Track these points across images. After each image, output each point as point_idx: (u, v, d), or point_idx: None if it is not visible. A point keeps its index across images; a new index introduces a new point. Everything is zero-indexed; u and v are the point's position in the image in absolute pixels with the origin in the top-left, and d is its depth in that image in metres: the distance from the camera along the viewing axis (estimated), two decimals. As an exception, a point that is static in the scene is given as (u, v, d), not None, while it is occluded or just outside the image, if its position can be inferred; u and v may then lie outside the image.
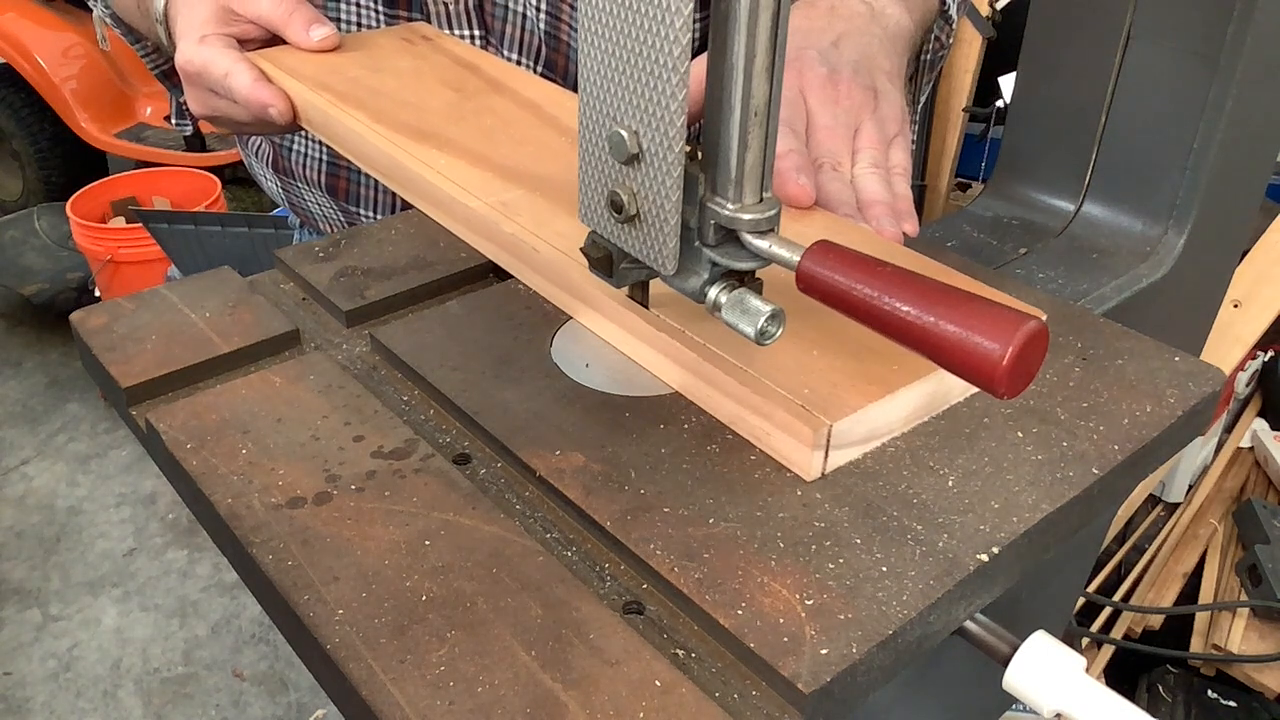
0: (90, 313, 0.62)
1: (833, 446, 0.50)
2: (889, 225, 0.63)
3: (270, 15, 0.84)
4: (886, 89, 0.71)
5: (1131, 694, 1.75)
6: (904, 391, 0.51)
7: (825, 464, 0.50)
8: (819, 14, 0.75)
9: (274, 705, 2.12)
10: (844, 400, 0.50)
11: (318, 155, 1.02)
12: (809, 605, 0.43)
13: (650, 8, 0.44)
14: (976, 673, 0.66)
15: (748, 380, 0.51)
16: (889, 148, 0.68)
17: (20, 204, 3.52)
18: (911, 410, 0.53)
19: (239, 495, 0.49)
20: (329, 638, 0.42)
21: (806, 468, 0.50)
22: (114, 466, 2.71)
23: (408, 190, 0.72)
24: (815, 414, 0.49)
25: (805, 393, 0.50)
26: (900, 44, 0.77)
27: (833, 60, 0.70)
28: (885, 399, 0.51)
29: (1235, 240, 0.92)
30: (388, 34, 0.91)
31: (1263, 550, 1.75)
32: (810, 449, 0.49)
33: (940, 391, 0.54)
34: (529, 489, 0.51)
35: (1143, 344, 0.59)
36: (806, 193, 0.63)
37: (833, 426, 0.49)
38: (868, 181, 0.66)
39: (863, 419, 0.50)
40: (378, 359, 0.60)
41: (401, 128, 0.74)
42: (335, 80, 0.80)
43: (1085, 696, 0.43)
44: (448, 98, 0.79)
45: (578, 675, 0.40)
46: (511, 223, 0.63)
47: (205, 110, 0.85)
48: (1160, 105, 0.77)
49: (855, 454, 0.51)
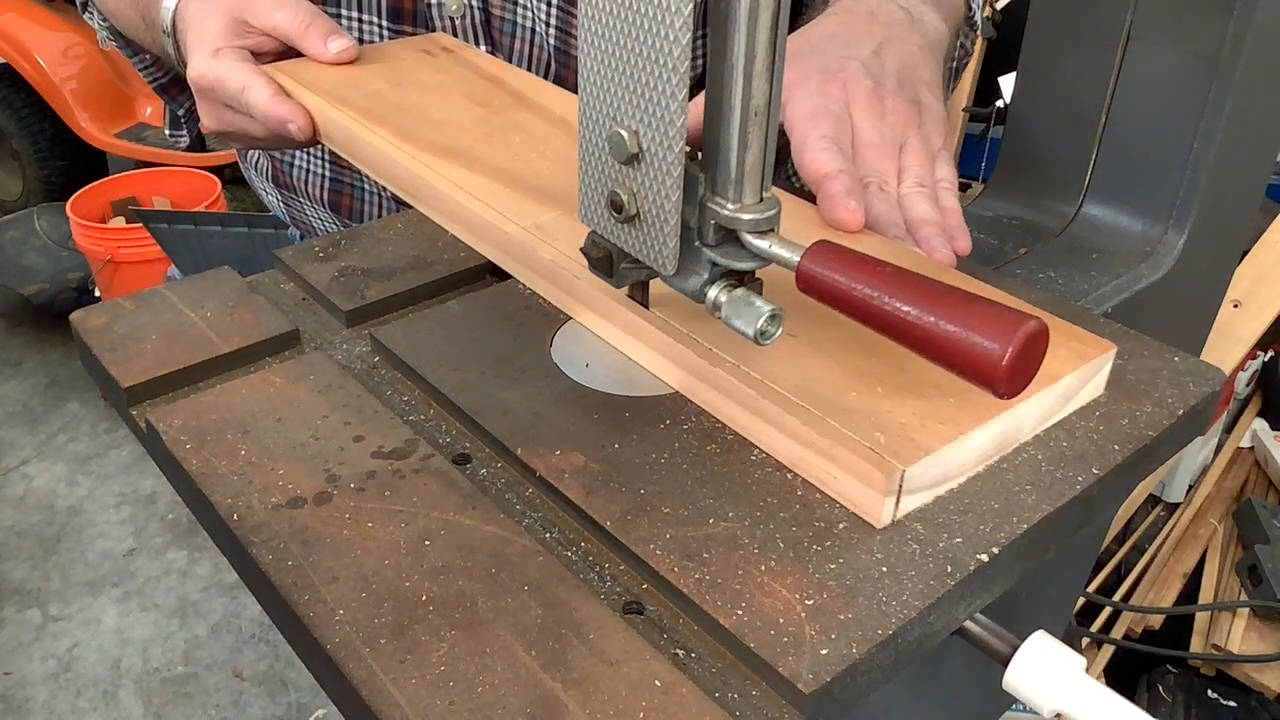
0: (90, 313, 0.62)
1: (904, 491, 0.47)
2: (940, 246, 0.61)
3: (286, 27, 0.81)
4: (929, 101, 0.69)
5: (1131, 694, 1.75)
6: (976, 432, 0.49)
7: (896, 510, 0.47)
8: (859, 20, 0.73)
9: (274, 705, 2.12)
10: (915, 442, 0.47)
11: (320, 171, 1.00)
12: (809, 605, 0.43)
13: (650, 8, 0.44)
14: (976, 673, 0.66)
15: (812, 420, 0.48)
16: (934, 163, 0.66)
17: (20, 204, 3.52)
18: (983, 451, 0.50)
19: (239, 495, 0.49)
20: (329, 638, 0.42)
21: (876, 514, 0.47)
22: (114, 466, 2.71)
23: (438, 212, 0.70)
24: (886, 458, 0.46)
25: (875, 435, 0.47)
26: (939, 51, 0.75)
27: (876, 72, 0.68)
28: (958, 440, 0.48)
29: (1235, 240, 0.92)
30: (406, 45, 0.88)
31: (1263, 550, 1.75)
32: (882, 495, 0.46)
33: (1011, 431, 0.51)
34: (529, 489, 0.51)
35: (1143, 344, 0.59)
36: (857, 219, 0.60)
37: (905, 471, 0.46)
38: (916, 201, 0.63)
39: (935, 462, 0.47)
40: (378, 359, 0.60)
41: (427, 145, 0.72)
42: (356, 95, 0.78)
43: (1085, 696, 0.43)
44: (473, 113, 0.77)
45: (578, 675, 0.40)
46: (549, 248, 0.61)
47: (219, 125, 0.82)
48: (1160, 105, 0.77)
49: (925, 499, 0.48)
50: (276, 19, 0.81)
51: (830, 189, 0.61)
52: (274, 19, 0.81)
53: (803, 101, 0.65)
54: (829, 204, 0.60)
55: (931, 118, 0.68)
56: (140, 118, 3.48)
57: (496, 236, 0.64)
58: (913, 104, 0.67)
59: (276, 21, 0.81)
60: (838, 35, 0.71)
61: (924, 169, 0.65)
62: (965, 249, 0.62)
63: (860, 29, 0.72)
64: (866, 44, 0.70)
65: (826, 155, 0.62)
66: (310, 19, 0.81)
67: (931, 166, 0.66)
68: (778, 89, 0.48)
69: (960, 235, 0.62)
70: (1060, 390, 0.52)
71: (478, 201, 0.66)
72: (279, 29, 0.81)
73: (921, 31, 0.74)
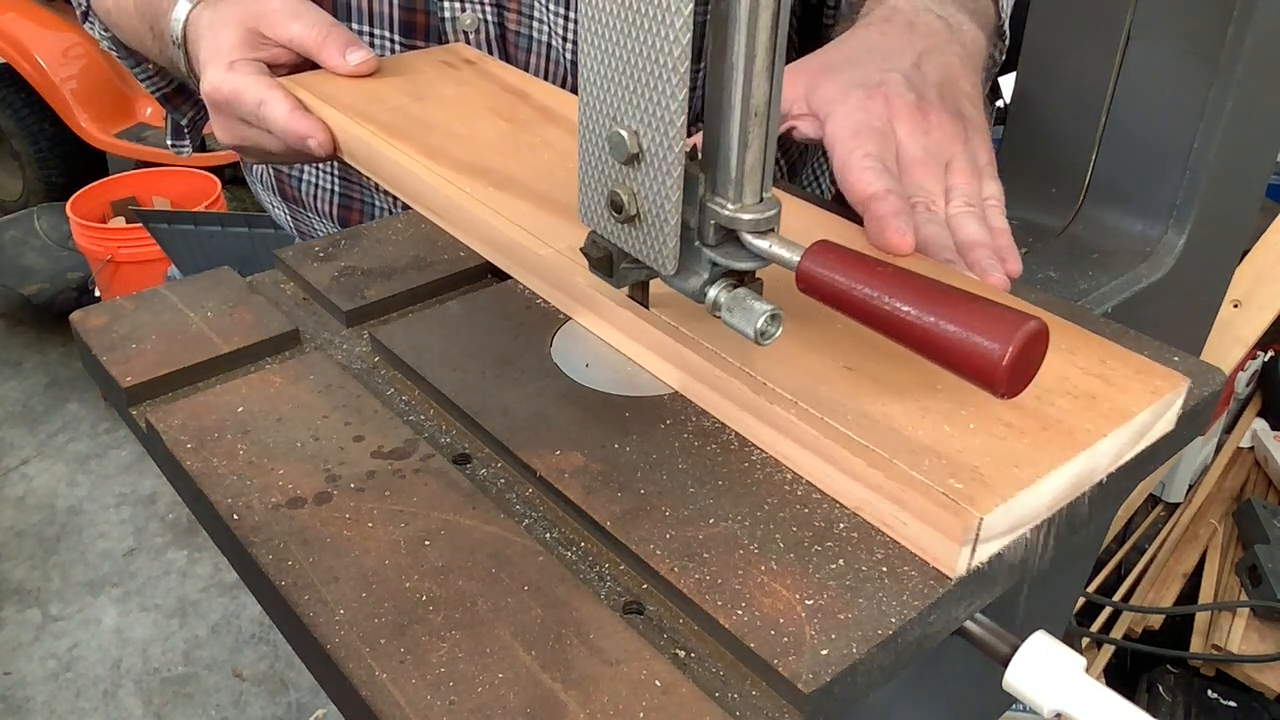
0: (90, 313, 0.62)
1: (981, 540, 0.44)
2: (993, 270, 0.58)
3: (303, 38, 0.78)
4: (973, 115, 0.67)
5: (1131, 694, 1.75)
6: (1054, 474, 0.46)
7: (972, 559, 0.45)
8: (897, 30, 0.70)
9: (274, 705, 2.12)
10: (990, 487, 0.45)
11: (329, 186, 0.99)
12: (809, 605, 0.43)
13: (650, 8, 0.44)
14: (976, 673, 0.66)
15: (879, 463, 0.46)
16: (981, 180, 0.64)
17: (20, 204, 3.52)
18: (1059, 494, 0.48)
19: (239, 495, 0.49)
20: (329, 638, 0.42)
21: (951, 564, 0.44)
22: (114, 466, 2.71)
23: (466, 232, 0.68)
24: (962, 504, 0.44)
25: (949, 480, 0.45)
26: (977, 61, 0.73)
27: (918, 85, 0.65)
28: (1035, 484, 0.46)
29: (1235, 240, 0.92)
30: (427, 57, 0.86)
31: (1263, 550, 1.75)
32: (958, 544, 0.44)
33: (1086, 471, 0.49)
34: (529, 489, 0.51)
35: (1143, 344, 0.59)
36: (907, 242, 0.56)
37: (983, 519, 0.44)
38: (965, 222, 0.61)
39: (1012, 508, 0.45)
40: (377, 359, 0.60)
41: (454, 163, 0.70)
42: (377, 110, 0.76)
43: (1085, 696, 0.43)
44: (500, 128, 0.75)
45: (578, 675, 0.40)
46: (587, 273, 0.58)
47: (234, 140, 0.80)
48: (1160, 105, 0.77)
49: (999, 546, 0.46)
50: (293, 30, 0.78)
51: (878, 210, 0.57)
52: (291, 30, 0.78)
53: (845, 118, 0.63)
54: (877, 226, 0.57)
55: (976, 132, 0.66)
56: (140, 118, 3.48)
57: (531, 260, 0.62)
58: (957, 118, 0.65)
59: (293, 33, 0.78)
60: (876, 48, 0.68)
61: (971, 187, 0.63)
62: (1017, 271, 0.59)
63: (900, 40, 0.69)
64: (906, 56, 0.67)
65: (872, 174, 0.59)
66: (328, 30, 0.79)
67: (979, 184, 0.63)
68: (778, 89, 0.48)
69: (1011, 257, 0.60)
70: (1135, 427, 0.50)
71: (509, 223, 0.63)
72: (296, 40, 0.78)
73: (960, 42, 0.72)
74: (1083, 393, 0.51)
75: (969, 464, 0.46)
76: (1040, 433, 0.48)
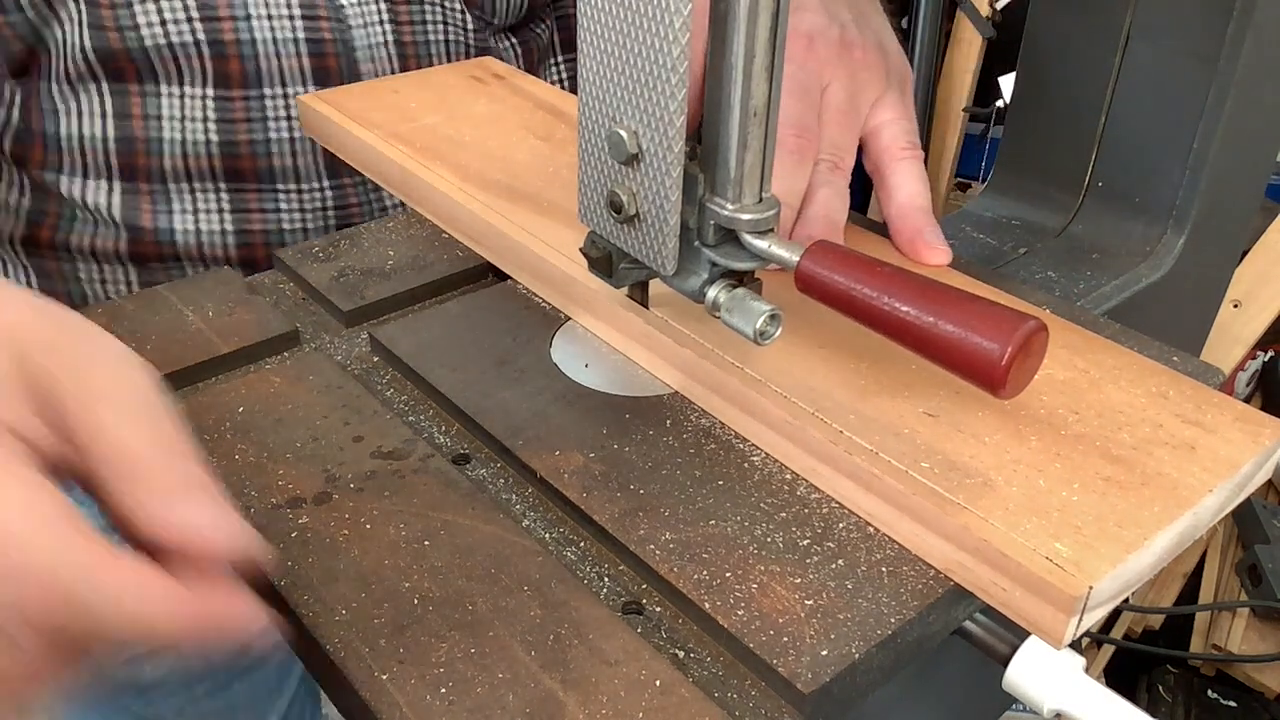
0: (90, 313, 0.62)
1: (1088, 608, 0.42)
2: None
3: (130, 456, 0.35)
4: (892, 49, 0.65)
5: (1131, 694, 1.75)
6: (1162, 534, 0.44)
7: (1078, 629, 0.42)
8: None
9: (274, 705, 2.12)
10: (1098, 551, 0.42)
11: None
12: (808, 605, 0.43)
13: (650, 7, 0.44)
14: (976, 673, 0.66)
15: (981, 528, 0.43)
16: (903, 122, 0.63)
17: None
18: (1164, 554, 0.45)
19: (238, 495, 0.49)
20: (329, 638, 0.42)
21: (1058, 635, 0.42)
22: (114, 466, 2.71)
23: (508, 262, 0.64)
24: (1070, 572, 0.41)
25: (1052, 544, 0.42)
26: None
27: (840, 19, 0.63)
28: (1144, 547, 0.43)
29: (1235, 240, 0.92)
30: (453, 72, 0.83)
31: (1263, 550, 1.75)
32: (1067, 615, 0.41)
33: (1190, 528, 0.46)
34: (529, 489, 0.51)
35: (1143, 344, 0.59)
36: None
37: (1093, 587, 0.41)
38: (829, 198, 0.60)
39: (1120, 574, 0.42)
40: (377, 359, 0.60)
41: (491, 186, 0.67)
42: (409, 129, 0.73)
43: (1085, 696, 0.43)
44: (536, 149, 0.72)
45: (577, 675, 0.40)
46: (644, 311, 0.56)
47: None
48: (1160, 105, 0.77)
49: (1103, 613, 0.43)
50: (121, 435, 0.35)
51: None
52: (117, 434, 0.35)
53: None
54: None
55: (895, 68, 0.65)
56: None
57: (581, 294, 0.59)
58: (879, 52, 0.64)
59: (120, 440, 0.35)
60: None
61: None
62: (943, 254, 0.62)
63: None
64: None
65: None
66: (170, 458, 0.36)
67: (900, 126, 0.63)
68: (778, 89, 0.48)
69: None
70: (1238, 479, 0.48)
71: (556, 253, 0.61)
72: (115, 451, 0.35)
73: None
74: (1181, 442, 0.48)
75: (1071, 524, 0.44)
76: (1141, 488, 0.45)
